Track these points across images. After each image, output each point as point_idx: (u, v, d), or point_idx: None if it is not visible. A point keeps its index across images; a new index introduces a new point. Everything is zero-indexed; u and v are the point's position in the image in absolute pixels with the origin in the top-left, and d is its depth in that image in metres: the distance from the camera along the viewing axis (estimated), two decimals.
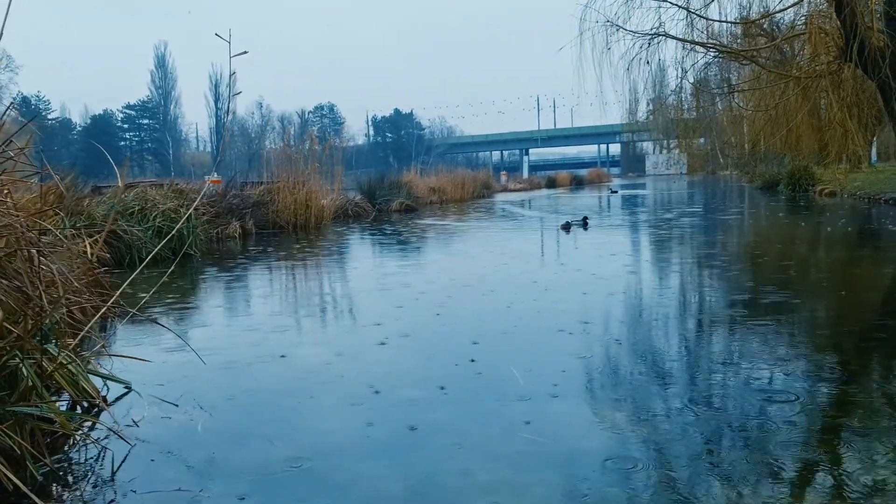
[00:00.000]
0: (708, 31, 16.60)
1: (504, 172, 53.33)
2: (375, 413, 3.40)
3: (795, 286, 7.00)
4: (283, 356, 4.61)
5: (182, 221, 8.87)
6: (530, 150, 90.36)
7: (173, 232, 8.41)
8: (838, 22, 13.80)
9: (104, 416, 3.43)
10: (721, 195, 29.17)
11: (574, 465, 2.75)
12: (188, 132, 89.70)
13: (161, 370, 4.28)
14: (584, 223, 14.15)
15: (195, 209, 11.49)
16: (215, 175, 23.62)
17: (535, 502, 2.48)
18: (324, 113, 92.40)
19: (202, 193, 9.88)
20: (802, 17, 16.43)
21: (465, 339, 4.93)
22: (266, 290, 8.25)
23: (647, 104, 20.51)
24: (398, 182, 23.85)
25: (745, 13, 16.55)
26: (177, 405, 3.56)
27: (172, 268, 7.56)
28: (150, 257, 5.34)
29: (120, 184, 10.04)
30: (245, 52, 4.64)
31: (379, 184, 22.71)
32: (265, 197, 15.70)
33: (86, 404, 3.53)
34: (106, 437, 3.14)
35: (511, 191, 39.86)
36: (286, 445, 3.05)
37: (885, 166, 26.17)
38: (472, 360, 4.29)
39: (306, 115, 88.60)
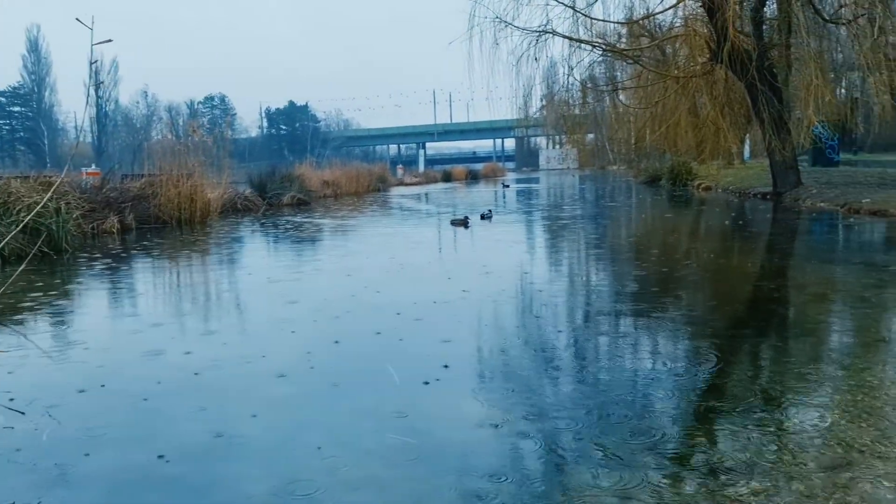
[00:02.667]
0: (595, 31, 17.18)
1: (401, 166, 53.27)
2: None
3: (673, 274, 7.35)
4: (139, 362, 4.43)
5: (51, 216, 8.36)
6: (427, 144, 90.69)
7: (22, 225, 7.89)
8: (711, 26, 14.59)
9: None
10: (607, 190, 30.25)
11: None
12: (66, 121, 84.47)
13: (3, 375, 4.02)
14: (489, 216, 14.47)
15: (67, 203, 10.89)
16: (94, 167, 22.44)
17: None
18: (214, 104, 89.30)
19: (54, 187, 9.29)
20: (680, 20, 17.27)
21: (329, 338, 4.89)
22: (128, 288, 7.90)
23: (540, 100, 20.96)
24: (290, 175, 23.37)
25: (629, 14, 17.21)
26: (23, 413, 3.35)
27: (24, 265, 7.12)
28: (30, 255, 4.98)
29: None
30: (109, 41, 4.41)
31: (270, 177, 22.17)
32: (146, 190, 15.01)
33: None
34: None
35: (407, 185, 39.89)
36: (142, 449, 2.93)
37: (755, 163, 27.85)
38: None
39: (196, 106, 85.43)
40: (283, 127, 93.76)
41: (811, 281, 6.94)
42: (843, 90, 26.03)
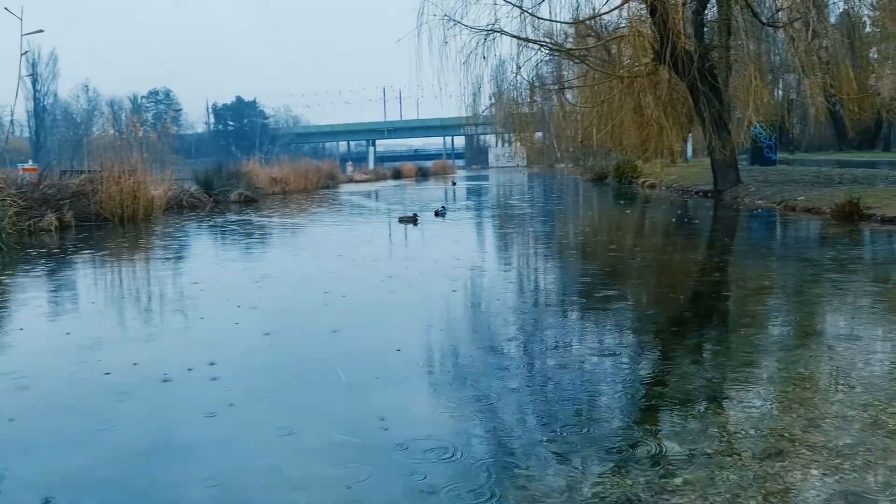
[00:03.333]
0: (543, 30, 17.36)
1: (350, 163, 52.93)
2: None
3: (619, 270, 7.50)
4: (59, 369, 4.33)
5: None
6: (377, 142, 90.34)
7: None
8: (654, 27, 14.90)
9: None
10: (555, 187, 30.62)
11: None
12: (1, 115, 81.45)
13: None
14: (443, 213, 14.58)
15: (2, 200, 10.56)
16: (31, 163, 21.73)
17: None
18: (159, 98, 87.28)
19: None
20: (625, 21, 17.56)
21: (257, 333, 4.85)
22: (53, 289, 7.70)
23: (489, 98, 21.06)
24: (238, 172, 23.01)
25: (575, 14, 17.42)
26: None
27: None
28: None
29: None
30: (41, 31, 4.30)
31: (217, 174, 21.78)
32: (87, 187, 14.59)
33: None
34: None
35: (357, 182, 39.66)
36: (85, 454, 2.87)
37: (698, 161, 28.53)
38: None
39: (139, 101, 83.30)
40: (231, 123, 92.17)
41: (750, 276, 7.15)
42: (780, 91, 26.88)
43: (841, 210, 10.83)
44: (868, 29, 19.66)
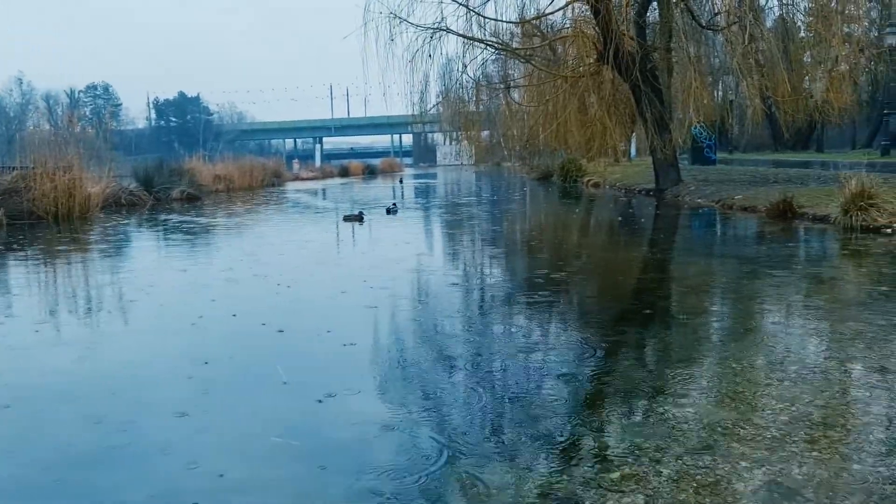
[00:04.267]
0: (489, 29, 17.42)
1: (296, 161, 52.33)
2: None
3: (564, 267, 7.58)
4: None
5: None
6: (324, 139, 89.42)
7: None
8: (597, 28, 15.11)
9: None
10: (502, 186, 30.82)
11: None
12: None
13: None
14: (394, 210, 14.59)
15: None
16: None
17: None
18: (97, 93, 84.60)
19: None
20: (570, 21, 17.76)
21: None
22: None
23: (437, 96, 21.01)
24: (180, 169, 22.53)
25: (521, 14, 17.52)
26: None
27: None
28: None
29: None
30: None
31: (158, 171, 21.26)
32: (19, 184, 14.10)
33: None
34: None
35: (303, 179, 39.24)
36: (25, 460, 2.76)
37: (640, 161, 29.07)
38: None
39: (76, 95, 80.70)
40: (174, 119, 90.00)
41: (689, 273, 7.33)
42: (719, 93, 27.56)
43: (776, 209, 11.17)
44: (802, 34, 20.28)
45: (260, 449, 2.91)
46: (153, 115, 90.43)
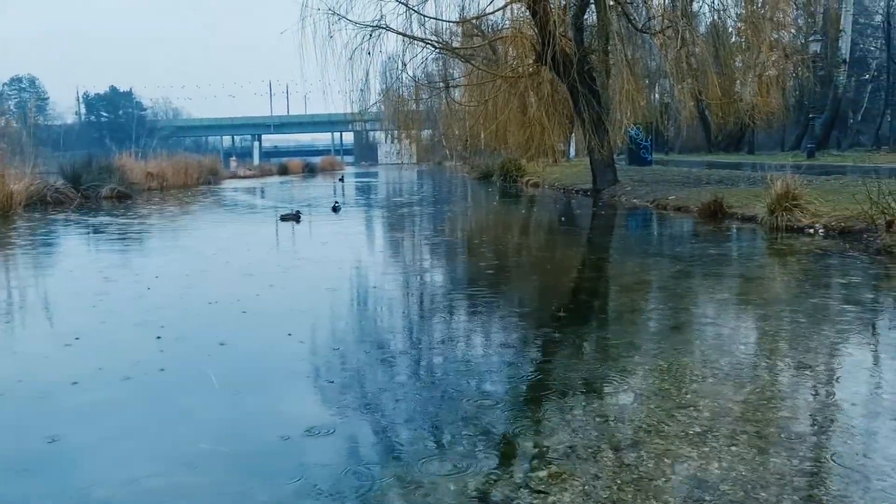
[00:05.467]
0: (429, 28, 17.40)
1: (234, 158, 51.38)
2: None
3: (502, 267, 7.62)
4: None
5: None
6: (263, 137, 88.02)
7: None
8: (536, 29, 15.26)
9: None
10: (442, 185, 30.89)
11: None
12: None
13: None
14: (338, 208, 14.60)
15: None
16: None
17: None
18: (22, 86, 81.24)
19: None
20: (509, 22, 17.90)
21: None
22: None
23: (378, 94, 20.88)
24: (110, 166, 21.80)
25: (462, 13, 17.56)
26: None
27: None
28: None
29: None
30: None
31: (86, 167, 20.52)
32: None
33: None
34: None
35: (241, 177, 38.53)
36: None
37: (578, 161, 29.52)
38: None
39: (0, 88, 77.34)
40: (105, 114, 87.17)
41: (624, 272, 7.45)
42: (656, 95, 28.20)
43: (707, 209, 11.47)
44: (733, 39, 20.89)
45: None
46: (83, 110, 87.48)
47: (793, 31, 29.89)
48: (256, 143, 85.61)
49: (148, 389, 3.67)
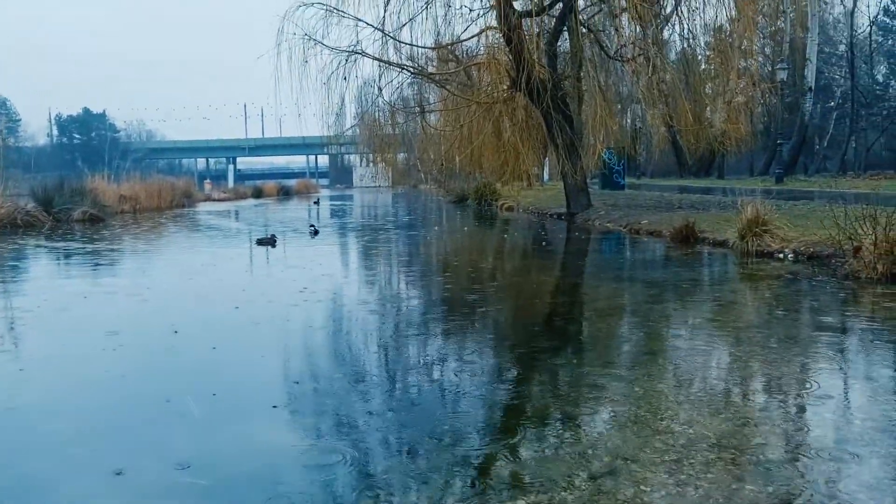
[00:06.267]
0: (405, 53, 17.54)
1: (208, 181, 51.02)
2: None
3: (477, 291, 7.65)
4: None
5: None
6: (238, 159, 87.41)
7: None
8: (510, 56, 15.46)
9: None
10: (418, 209, 30.95)
11: None
12: None
13: None
14: (315, 232, 14.68)
15: None
16: None
17: None
18: None
19: None
20: (483, 48, 18.09)
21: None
22: None
23: (354, 118, 20.94)
24: (82, 188, 21.58)
25: (437, 39, 17.73)
26: None
27: None
28: None
29: None
30: None
31: (58, 190, 20.29)
32: None
33: None
34: None
35: (215, 200, 38.22)
36: None
37: (552, 185, 29.77)
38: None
39: None
40: (77, 136, 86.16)
41: (598, 297, 7.53)
42: (628, 120, 28.67)
43: (679, 233, 11.63)
44: (703, 66, 21.35)
45: None
46: (55, 132, 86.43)
47: (760, 59, 30.68)
48: (231, 166, 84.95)
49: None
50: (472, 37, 17.37)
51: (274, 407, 3.74)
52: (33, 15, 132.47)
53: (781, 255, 9.04)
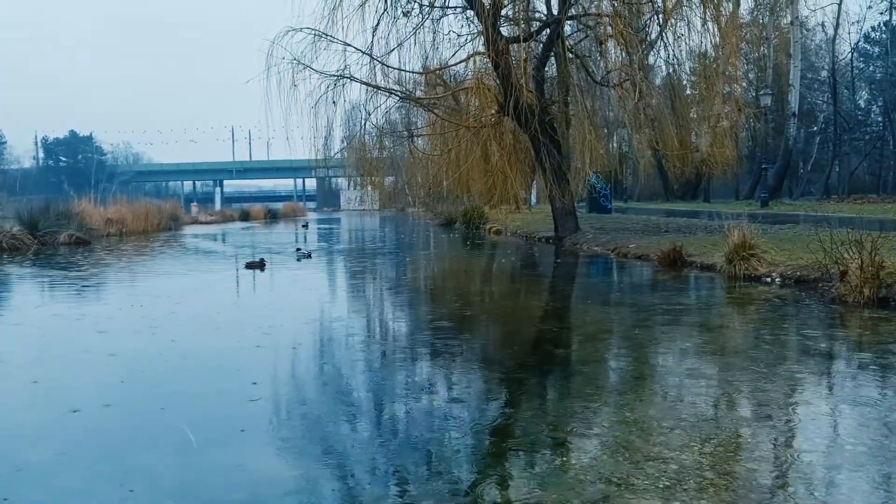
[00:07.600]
0: (393, 78, 17.64)
1: (195, 204, 50.86)
2: None
3: (466, 315, 7.63)
4: None
5: None
6: (225, 182, 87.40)
7: None
8: (498, 81, 15.59)
9: None
10: (406, 232, 30.98)
11: None
12: None
13: None
14: (307, 255, 14.77)
15: None
16: None
17: None
18: None
19: None
20: (471, 73, 18.23)
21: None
22: None
23: (342, 141, 20.98)
24: (68, 211, 21.45)
25: (425, 64, 17.86)
26: None
27: None
28: None
29: None
30: None
31: (44, 213, 20.16)
32: None
33: None
34: None
35: (202, 223, 38.10)
36: None
37: (541, 208, 29.87)
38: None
39: None
40: (64, 158, 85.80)
41: (586, 321, 7.53)
42: (614, 145, 28.90)
43: (666, 257, 11.69)
44: (688, 91, 21.60)
45: None
46: (41, 155, 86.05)
47: (744, 84, 31.08)
48: (218, 189, 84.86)
49: None
50: (460, 62, 17.52)
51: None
52: (20, 37, 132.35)
53: (769, 279, 9.10)
